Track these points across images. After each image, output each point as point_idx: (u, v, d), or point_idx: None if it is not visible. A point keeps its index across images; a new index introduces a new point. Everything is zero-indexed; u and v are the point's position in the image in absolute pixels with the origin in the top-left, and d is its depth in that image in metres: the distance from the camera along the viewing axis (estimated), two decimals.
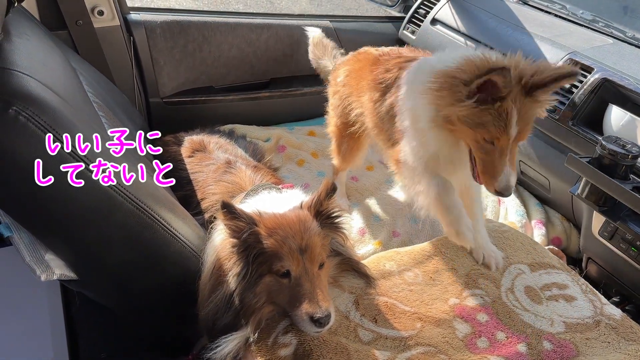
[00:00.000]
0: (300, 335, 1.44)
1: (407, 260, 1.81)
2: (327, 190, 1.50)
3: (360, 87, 2.10)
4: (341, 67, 2.33)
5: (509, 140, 1.53)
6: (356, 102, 2.15)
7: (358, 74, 2.15)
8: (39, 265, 1.40)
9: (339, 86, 2.29)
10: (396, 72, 1.90)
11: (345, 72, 2.25)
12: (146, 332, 1.88)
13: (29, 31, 1.68)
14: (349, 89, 2.20)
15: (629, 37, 2.48)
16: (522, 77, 1.49)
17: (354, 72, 2.19)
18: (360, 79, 2.11)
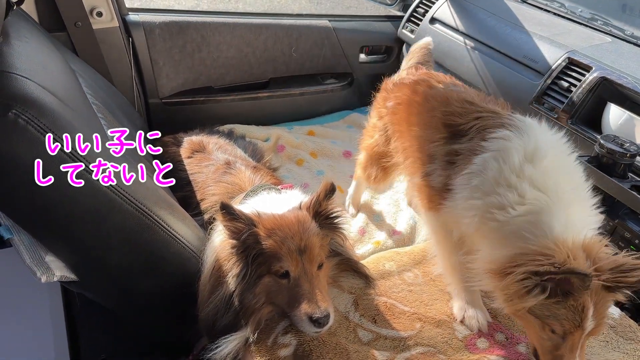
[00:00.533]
0: (300, 335, 1.44)
1: (407, 260, 1.82)
2: (326, 191, 1.50)
3: (413, 121, 1.85)
4: (394, 91, 2.04)
5: (583, 335, 1.32)
6: (403, 136, 1.92)
7: (416, 109, 1.87)
8: (40, 267, 1.40)
9: (388, 112, 2.04)
10: (472, 121, 1.63)
11: (398, 100, 1.97)
12: (146, 332, 1.88)
13: (27, 33, 1.68)
14: (399, 120, 1.95)
15: (628, 35, 2.48)
16: (601, 272, 1.28)
17: (410, 103, 1.90)
18: (417, 113, 1.85)
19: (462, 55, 2.83)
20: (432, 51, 3.08)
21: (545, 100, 2.30)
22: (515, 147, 1.46)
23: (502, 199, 1.40)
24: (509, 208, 1.38)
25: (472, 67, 2.75)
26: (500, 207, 1.40)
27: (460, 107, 1.70)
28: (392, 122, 2.00)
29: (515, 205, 1.38)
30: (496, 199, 1.41)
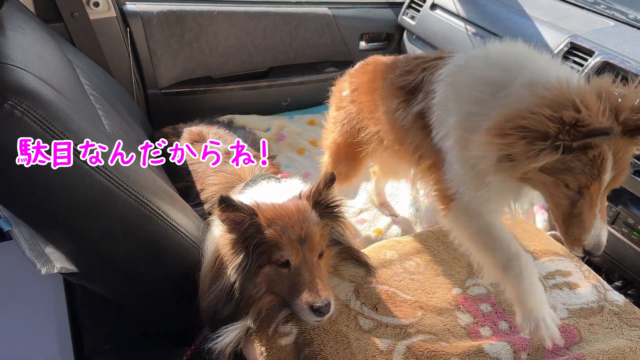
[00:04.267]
0: (301, 324, 1.44)
1: (408, 249, 1.81)
2: (327, 180, 1.49)
3: (373, 100, 1.79)
4: (347, 79, 2.03)
5: (601, 188, 1.21)
6: (369, 120, 1.84)
7: (369, 86, 1.83)
8: (39, 258, 1.40)
9: (345, 101, 1.98)
10: (420, 73, 1.58)
11: (353, 85, 1.93)
12: (149, 323, 1.89)
13: (23, 24, 1.67)
14: (359, 105, 1.90)
15: (631, 19, 2.45)
16: (619, 113, 1.15)
17: (363, 84, 1.88)
18: (372, 90, 1.80)
19: (464, 41, 2.80)
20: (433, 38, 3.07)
21: None
22: (463, 62, 1.46)
23: (479, 94, 1.34)
24: (489, 96, 1.32)
25: None
26: (480, 101, 1.33)
27: (406, 65, 1.66)
28: (355, 111, 1.91)
29: (488, 88, 1.33)
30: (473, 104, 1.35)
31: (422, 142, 1.55)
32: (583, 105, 1.12)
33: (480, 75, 1.37)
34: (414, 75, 1.59)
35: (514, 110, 1.20)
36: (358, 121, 1.91)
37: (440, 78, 1.48)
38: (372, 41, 3.48)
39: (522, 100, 1.21)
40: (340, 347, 1.40)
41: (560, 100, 1.14)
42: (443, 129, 1.44)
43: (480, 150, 1.27)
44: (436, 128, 1.47)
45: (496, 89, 1.31)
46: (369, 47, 3.46)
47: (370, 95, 1.81)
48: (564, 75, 1.24)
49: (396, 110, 1.62)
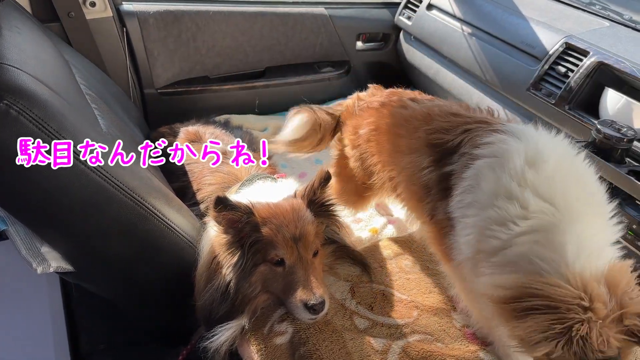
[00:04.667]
0: (296, 323, 1.45)
1: (404, 248, 1.82)
2: (321, 179, 1.50)
3: (395, 147, 1.64)
4: (365, 116, 1.84)
5: None
6: (385, 165, 1.71)
7: (392, 131, 1.67)
8: (35, 258, 1.40)
9: (362, 140, 1.82)
10: (460, 135, 1.43)
11: (372, 126, 1.77)
12: (145, 323, 1.89)
13: (19, 24, 1.67)
14: (377, 148, 1.75)
15: (626, 19, 2.46)
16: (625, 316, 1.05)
17: (385, 127, 1.71)
18: (395, 136, 1.65)
19: (460, 42, 2.81)
20: (430, 38, 3.07)
21: (543, 86, 2.28)
22: (514, 149, 1.26)
23: (502, 212, 1.19)
24: (511, 223, 1.18)
25: (469, 54, 2.73)
26: (501, 223, 1.19)
27: (444, 122, 1.49)
28: (370, 152, 1.78)
29: (518, 219, 1.17)
30: (495, 212, 1.21)
31: (439, 204, 1.44)
32: (590, 304, 1.04)
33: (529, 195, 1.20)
34: (453, 135, 1.44)
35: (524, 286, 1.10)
36: (373, 164, 1.78)
37: (485, 150, 1.32)
38: (368, 41, 3.48)
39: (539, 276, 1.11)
40: (335, 346, 1.41)
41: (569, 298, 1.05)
42: (463, 207, 1.32)
43: (482, 299, 1.22)
44: (457, 197, 1.34)
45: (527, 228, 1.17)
46: (366, 47, 3.46)
47: (393, 141, 1.67)
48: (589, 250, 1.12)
49: (424, 169, 1.48)
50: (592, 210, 1.20)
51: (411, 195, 1.59)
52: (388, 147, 1.68)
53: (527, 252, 1.14)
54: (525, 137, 1.31)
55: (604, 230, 1.18)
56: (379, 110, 1.78)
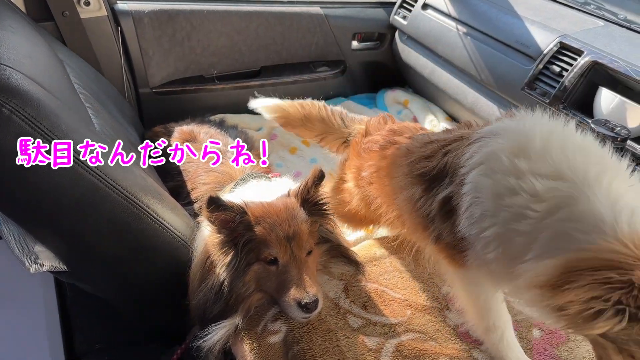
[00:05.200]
0: (290, 322, 1.45)
1: (398, 247, 1.81)
2: (315, 177, 1.50)
3: (393, 186, 1.65)
4: (367, 158, 1.83)
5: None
6: (389, 206, 1.70)
7: (388, 172, 1.68)
8: (29, 257, 1.40)
9: (364, 181, 1.82)
10: (442, 158, 1.41)
11: (372, 168, 1.77)
12: (139, 322, 1.88)
13: (13, 23, 1.66)
14: (379, 190, 1.74)
15: (621, 19, 2.47)
16: None
17: (383, 169, 1.72)
18: (392, 177, 1.65)
19: (455, 42, 2.81)
20: (425, 37, 3.07)
21: (537, 86, 2.29)
22: (495, 149, 1.23)
23: (514, 209, 1.14)
24: (528, 212, 1.11)
25: (464, 53, 2.74)
26: (517, 219, 1.13)
27: (424, 151, 1.49)
28: (374, 195, 1.77)
29: (533, 206, 1.10)
30: (507, 212, 1.15)
31: (445, 227, 1.39)
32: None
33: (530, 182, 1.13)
34: (435, 160, 1.43)
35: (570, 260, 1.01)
36: (378, 206, 1.75)
37: (469, 163, 1.29)
38: (364, 41, 3.49)
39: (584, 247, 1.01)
40: (329, 345, 1.41)
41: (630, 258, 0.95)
42: (475, 222, 1.25)
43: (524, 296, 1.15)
44: (464, 215, 1.28)
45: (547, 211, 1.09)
46: (361, 46, 3.47)
47: (390, 182, 1.66)
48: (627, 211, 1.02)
49: (419, 199, 1.46)
50: (608, 170, 1.11)
51: (416, 227, 1.55)
52: (388, 189, 1.67)
53: (560, 232, 1.06)
54: (502, 133, 1.28)
55: (630, 185, 1.09)
56: (378, 153, 1.76)
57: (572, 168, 1.10)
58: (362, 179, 1.83)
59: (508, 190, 1.15)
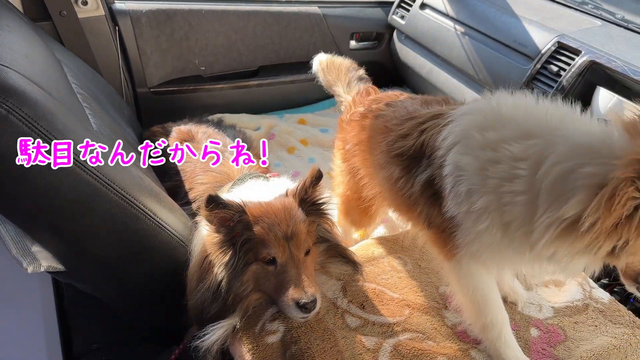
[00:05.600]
0: (288, 322, 1.45)
1: (396, 247, 1.82)
2: (313, 177, 1.49)
3: (373, 161, 1.67)
4: (349, 129, 1.86)
5: None
6: (371, 179, 1.73)
7: (368, 145, 1.70)
8: (26, 257, 1.39)
9: (349, 154, 1.84)
10: (418, 137, 1.44)
11: (354, 140, 1.79)
12: (137, 322, 1.88)
13: (10, 23, 1.66)
14: (361, 162, 1.77)
15: (619, 18, 2.47)
16: None
17: (363, 142, 1.74)
18: (371, 150, 1.67)
19: (453, 41, 2.81)
20: (423, 37, 3.07)
21: (535, 85, 2.29)
22: (468, 127, 1.28)
23: (502, 174, 1.16)
24: (518, 171, 1.13)
25: (462, 53, 2.74)
26: (510, 179, 1.14)
27: (400, 128, 1.50)
28: (358, 166, 1.79)
29: (519, 166, 1.13)
30: (495, 179, 1.17)
31: (433, 211, 1.41)
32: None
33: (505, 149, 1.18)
34: (412, 139, 1.45)
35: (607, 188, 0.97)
36: (362, 177, 1.79)
37: (445, 145, 1.33)
38: (362, 40, 3.49)
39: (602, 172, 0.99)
40: (326, 344, 1.41)
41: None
42: (463, 204, 1.27)
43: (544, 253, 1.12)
44: (450, 196, 1.31)
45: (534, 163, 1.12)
46: (359, 46, 3.47)
47: (371, 154, 1.68)
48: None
49: (398, 179, 1.49)
50: (565, 114, 1.20)
51: (400, 206, 1.59)
52: (369, 161, 1.69)
53: (561, 175, 1.06)
54: (472, 112, 1.33)
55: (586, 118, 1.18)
56: (359, 123, 1.77)
57: (536, 124, 1.17)
58: (348, 152, 1.86)
59: (489, 161, 1.19)
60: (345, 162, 1.91)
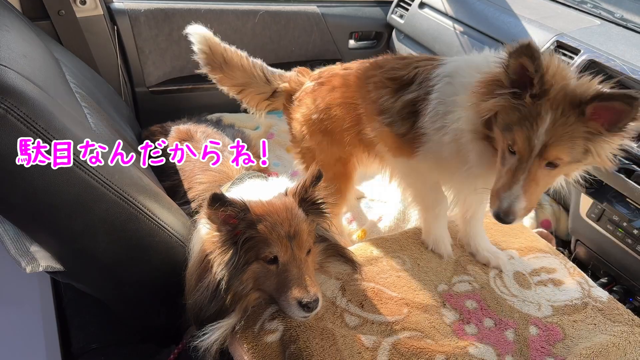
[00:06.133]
0: (287, 321, 1.44)
1: (395, 246, 1.82)
2: (313, 177, 1.49)
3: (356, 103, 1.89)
4: (313, 98, 2.06)
5: (531, 150, 1.29)
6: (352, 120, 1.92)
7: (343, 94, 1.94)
8: (24, 257, 1.39)
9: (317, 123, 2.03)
10: (413, 69, 1.72)
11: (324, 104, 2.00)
12: (136, 322, 1.88)
13: (8, 22, 1.66)
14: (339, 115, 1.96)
15: (617, 17, 2.47)
16: (567, 86, 1.28)
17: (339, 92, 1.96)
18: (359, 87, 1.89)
19: (452, 40, 2.81)
20: (422, 36, 3.07)
21: None
22: (456, 66, 1.62)
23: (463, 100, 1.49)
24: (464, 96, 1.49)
25: (461, 52, 2.73)
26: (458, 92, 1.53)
27: (397, 63, 1.80)
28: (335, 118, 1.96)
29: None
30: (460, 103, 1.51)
31: (403, 124, 1.72)
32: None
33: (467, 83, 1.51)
34: (407, 70, 1.74)
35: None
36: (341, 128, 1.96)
37: (437, 76, 1.64)
38: (361, 40, 3.48)
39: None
40: (325, 343, 1.41)
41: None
42: (439, 122, 1.59)
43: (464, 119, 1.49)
44: (430, 118, 1.62)
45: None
46: (358, 45, 3.46)
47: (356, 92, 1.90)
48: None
49: (381, 97, 1.77)
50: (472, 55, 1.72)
51: (370, 115, 1.84)
52: (350, 100, 1.92)
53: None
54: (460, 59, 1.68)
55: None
56: (325, 85, 2.03)
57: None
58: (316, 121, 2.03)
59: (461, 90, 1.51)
60: (314, 135, 2.05)
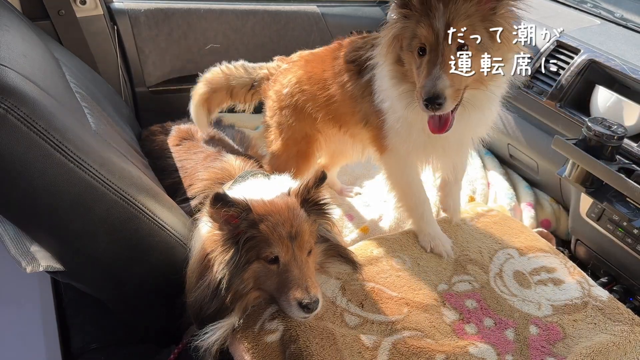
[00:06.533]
0: (287, 321, 1.44)
1: (395, 246, 1.82)
2: (317, 178, 1.49)
3: (325, 80, 1.93)
4: (285, 75, 2.09)
5: (437, 36, 1.39)
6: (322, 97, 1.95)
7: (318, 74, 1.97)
8: (25, 257, 1.39)
9: (288, 97, 2.05)
10: (369, 49, 1.76)
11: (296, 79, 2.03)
12: (136, 322, 1.88)
13: (8, 22, 1.65)
14: (309, 90, 1.99)
15: (617, 17, 2.47)
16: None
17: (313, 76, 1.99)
18: (322, 71, 1.95)
19: None
20: None
21: (534, 84, 2.29)
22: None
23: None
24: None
25: None
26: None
27: (355, 43, 1.85)
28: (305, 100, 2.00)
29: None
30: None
31: (369, 107, 1.79)
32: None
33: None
34: (364, 50, 1.79)
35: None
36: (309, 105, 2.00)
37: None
38: None
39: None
40: (326, 343, 1.41)
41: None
42: (381, 93, 1.71)
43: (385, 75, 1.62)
44: (377, 92, 1.72)
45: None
46: None
47: (321, 74, 1.96)
48: None
49: (346, 83, 1.83)
50: None
51: (344, 114, 1.91)
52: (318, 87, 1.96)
53: None
54: None
55: None
56: (298, 62, 2.08)
57: None
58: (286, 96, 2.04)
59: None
60: (283, 110, 2.08)
